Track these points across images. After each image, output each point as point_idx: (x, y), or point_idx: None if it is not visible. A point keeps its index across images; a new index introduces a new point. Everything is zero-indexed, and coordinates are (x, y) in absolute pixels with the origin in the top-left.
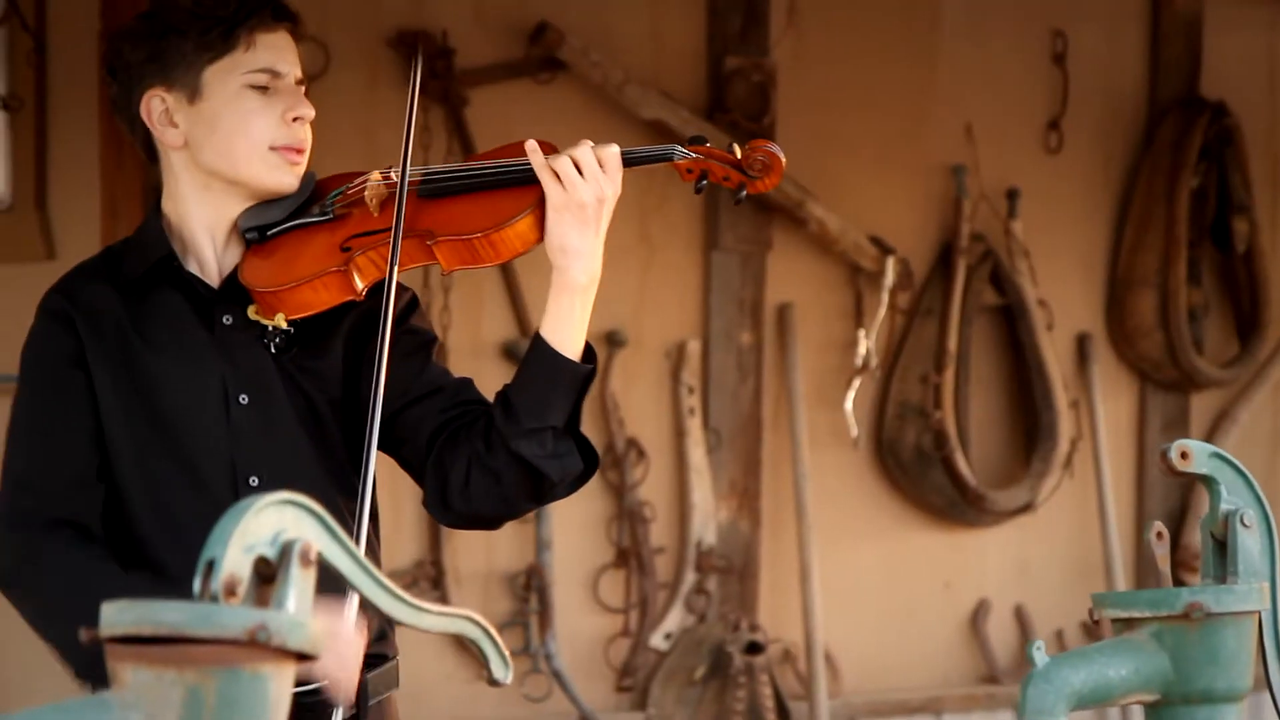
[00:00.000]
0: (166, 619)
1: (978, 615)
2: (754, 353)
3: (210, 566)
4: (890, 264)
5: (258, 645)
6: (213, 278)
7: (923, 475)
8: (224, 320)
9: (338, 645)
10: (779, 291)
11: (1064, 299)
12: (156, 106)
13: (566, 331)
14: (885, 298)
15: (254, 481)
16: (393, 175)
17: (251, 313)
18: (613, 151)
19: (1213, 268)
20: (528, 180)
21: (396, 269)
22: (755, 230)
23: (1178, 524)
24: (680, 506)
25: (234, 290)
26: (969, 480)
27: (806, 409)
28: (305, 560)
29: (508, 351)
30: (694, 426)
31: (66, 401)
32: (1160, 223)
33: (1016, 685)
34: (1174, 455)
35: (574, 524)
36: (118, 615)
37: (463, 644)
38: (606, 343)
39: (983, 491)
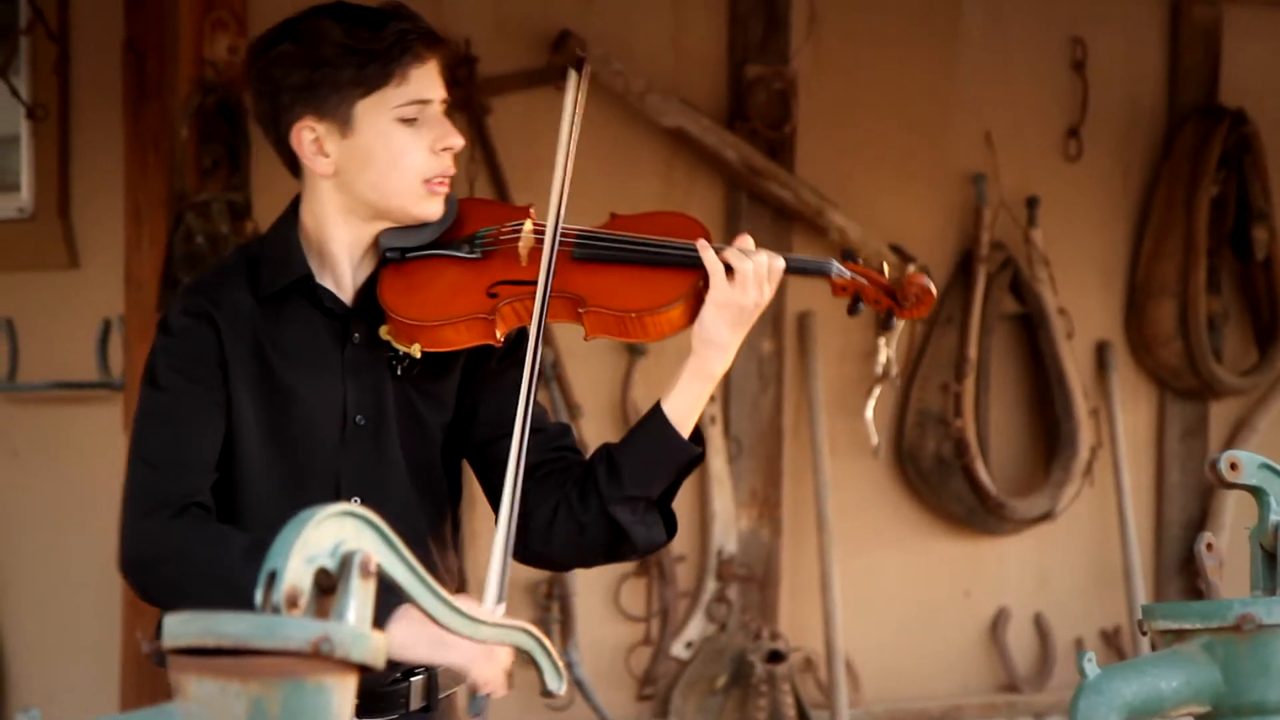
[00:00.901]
0: (230, 631)
1: (997, 624)
2: (774, 361)
3: (272, 578)
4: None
5: (321, 657)
6: (346, 291)
7: (943, 484)
8: (355, 338)
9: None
10: (799, 300)
11: (1083, 307)
12: (307, 137)
13: (688, 414)
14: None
15: (355, 501)
16: (544, 225)
17: (383, 332)
18: (779, 264)
19: (1232, 276)
20: (687, 264)
21: (541, 331)
22: (776, 239)
23: (1196, 533)
24: (701, 515)
25: (367, 308)
26: (989, 489)
27: (827, 417)
28: (365, 572)
29: None
30: (715, 435)
31: (205, 395)
32: (1179, 231)
33: (1036, 694)
34: (1223, 466)
35: None
36: (181, 627)
37: None
38: (628, 350)
39: (1003, 500)
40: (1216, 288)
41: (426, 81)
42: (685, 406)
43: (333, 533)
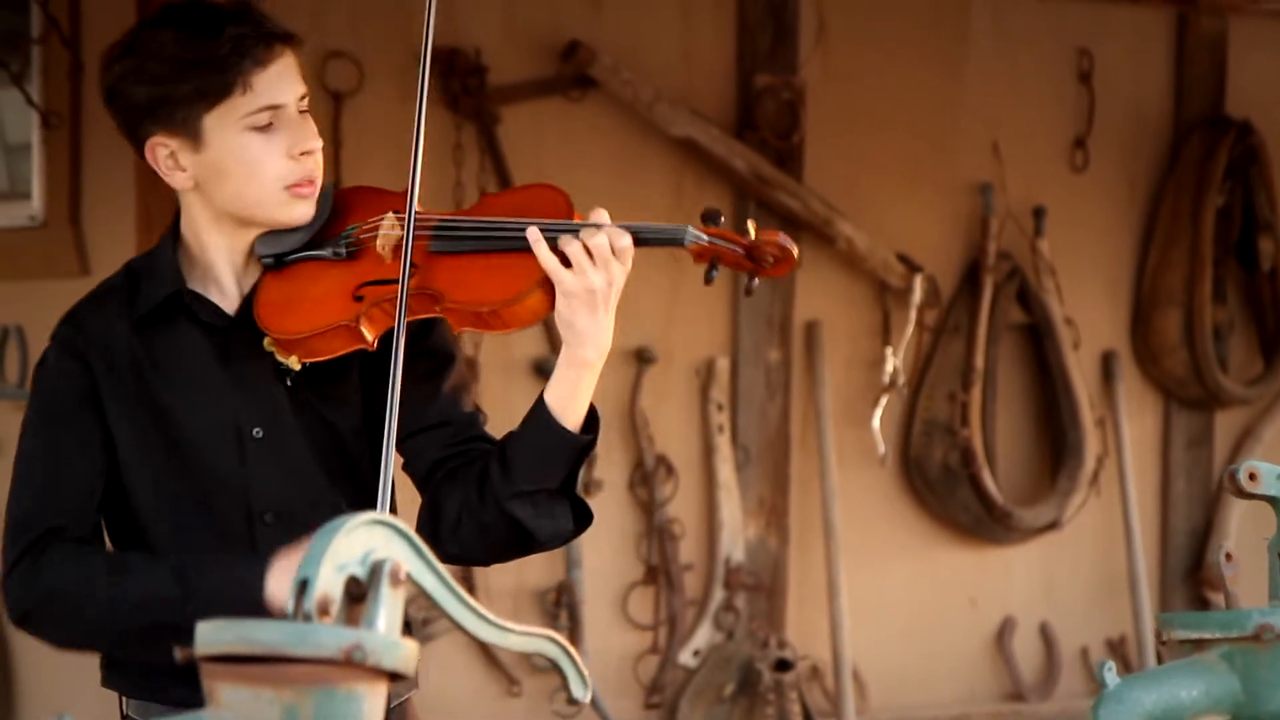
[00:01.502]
0: (263, 638)
1: (1003, 633)
2: (782, 370)
3: (303, 586)
4: (918, 282)
5: (353, 664)
6: (233, 301)
7: (949, 493)
8: (239, 351)
9: None
10: (807, 309)
11: (1089, 317)
12: (161, 153)
13: (569, 403)
14: (913, 315)
15: (268, 518)
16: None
17: (267, 344)
18: (625, 241)
19: (1237, 286)
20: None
21: (404, 323)
22: None
23: (1201, 543)
24: (709, 523)
25: (250, 319)
26: (996, 498)
27: (834, 426)
28: (395, 580)
29: (539, 369)
30: (723, 443)
31: (75, 439)
32: (1185, 241)
33: (1042, 703)
34: (1242, 476)
35: (604, 541)
36: (214, 634)
37: (493, 659)
38: (636, 359)
39: (1009, 509)
40: (1222, 298)
41: (276, 85)
42: (565, 396)
43: (362, 541)
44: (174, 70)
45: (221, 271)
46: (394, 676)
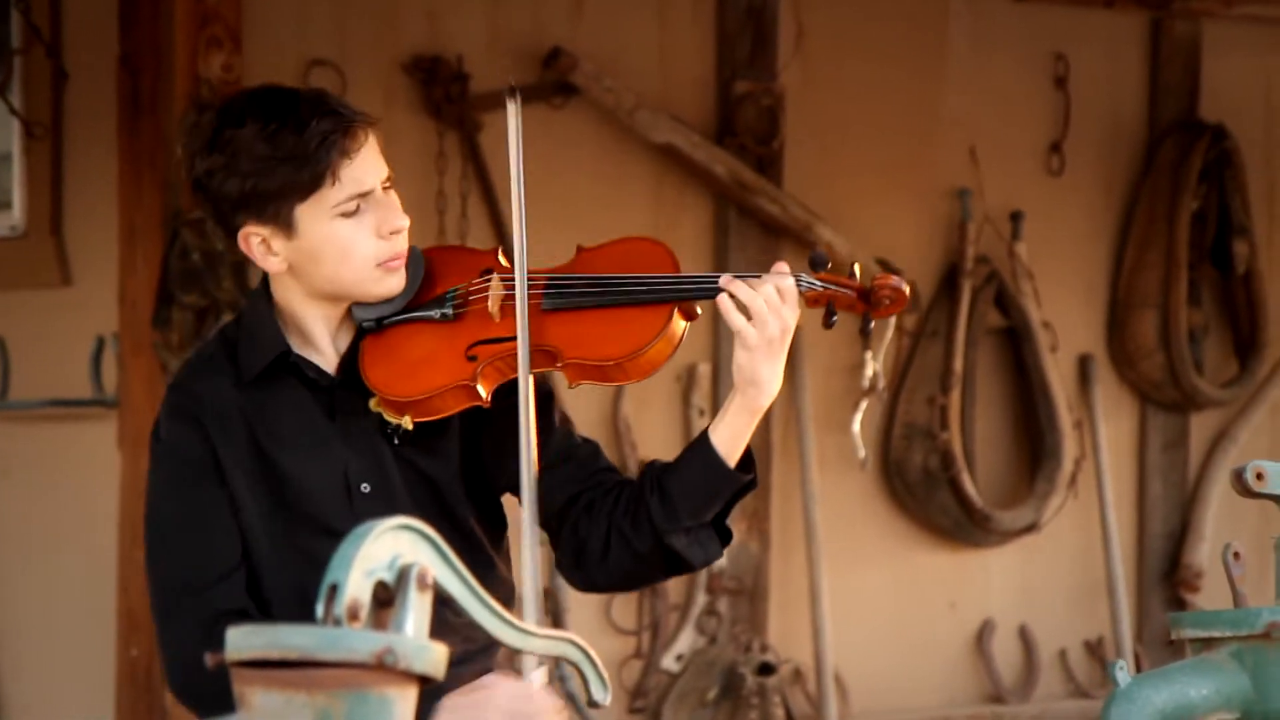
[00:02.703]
0: (295, 643)
1: (983, 635)
2: None
3: (333, 591)
4: None
5: (384, 668)
6: (330, 363)
7: (929, 496)
8: (345, 409)
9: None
10: None
11: (1066, 320)
12: (254, 241)
13: (735, 442)
14: (892, 320)
15: None
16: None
17: (374, 404)
18: (790, 284)
19: (1212, 289)
20: (660, 299)
21: (509, 373)
22: (764, 253)
23: (1178, 544)
24: None
25: (352, 377)
26: (975, 501)
27: (814, 431)
28: (423, 584)
29: None
30: None
31: (207, 500)
32: (1161, 244)
33: (1021, 705)
34: (1249, 476)
35: None
36: (245, 640)
37: None
38: None
39: (989, 512)
40: (1197, 301)
41: (361, 171)
42: (735, 438)
43: (389, 546)
44: (263, 167)
45: (318, 336)
46: (424, 680)
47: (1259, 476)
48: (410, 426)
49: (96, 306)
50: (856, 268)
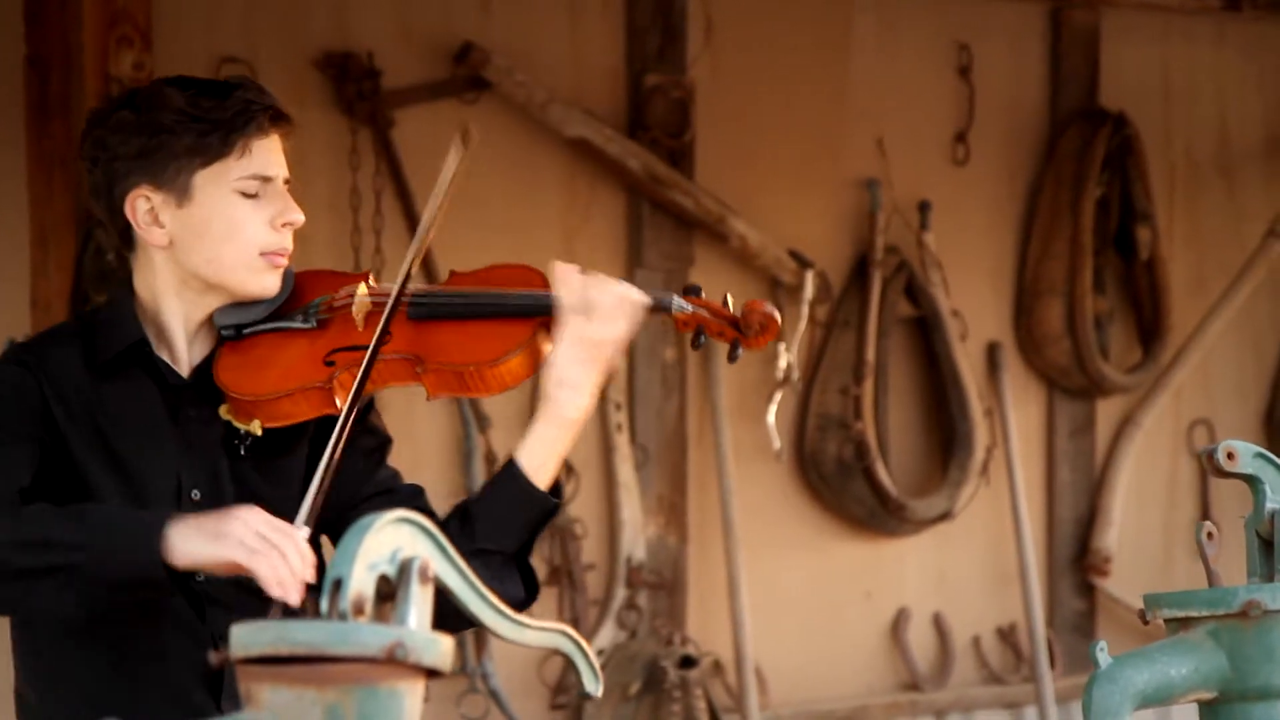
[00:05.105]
0: (304, 638)
1: (898, 624)
2: (678, 369)
3: (338, 585)
4: (809, 278)
5: (395, 662)
6: (182, 367)
7: (844, 486)
8: (190, 413)
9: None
10: None
11: (975, 309)
12: (142, 206)
13: (544, 461)
14: (805, 311)
15: (200, 575)
16: (381, 289)
17: (223, 411)
18: (638, 298)
19: (1116, 276)
20: (525, 313)
21: (367, 384)
22: (678, 246)
23: (1086, 530)
24: (610, 523)
25: (204, 384)
26: (889, 490)
27: (730, 423)
28: (424, 577)
29: None
30: (622, 443)
31: (10, 435)
32: (1066, 232)
33: (936, 692)
34: (1220, 456)
35: None
36: (253, 636)
37: None
38: None
39: (903, 501)
40: (1102, 288)
41: (270, 156)
42: (541, 454)
43: (390, 540)
44: (177, 122)
45: (175, 335)
46: (431, 674)
47: (1230, 456)
48: (259, 432)
49: (7, 310)
50: (729, 298)
